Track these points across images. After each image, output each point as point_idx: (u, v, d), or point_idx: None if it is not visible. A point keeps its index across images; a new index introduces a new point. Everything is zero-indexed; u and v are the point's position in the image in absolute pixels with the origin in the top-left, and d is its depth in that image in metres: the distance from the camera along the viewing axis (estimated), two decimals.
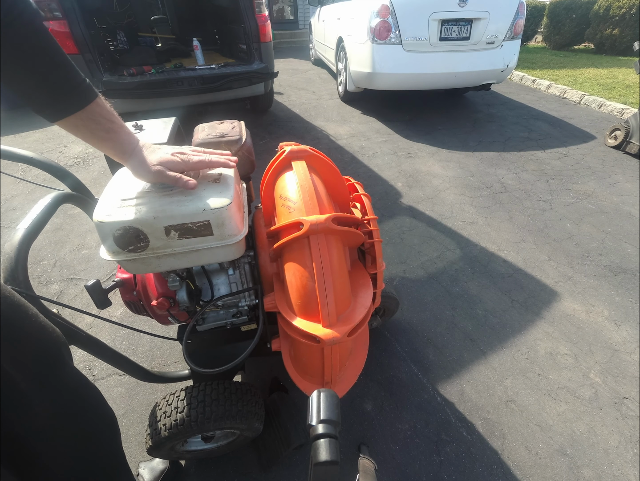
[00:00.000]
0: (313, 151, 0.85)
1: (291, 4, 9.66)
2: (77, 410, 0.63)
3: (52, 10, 2.50)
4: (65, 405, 0.60)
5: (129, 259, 0.66)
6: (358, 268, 0.90)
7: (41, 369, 0.55)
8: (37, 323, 0.55)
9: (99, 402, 0.72)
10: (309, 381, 0.91)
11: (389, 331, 1.52)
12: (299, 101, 4.51)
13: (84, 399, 0.67)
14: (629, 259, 1.90)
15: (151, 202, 0.65)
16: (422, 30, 3.29)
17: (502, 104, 4.36)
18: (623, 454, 1.12)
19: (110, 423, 0.75)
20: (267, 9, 3.27)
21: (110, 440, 0.74)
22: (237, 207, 0.72)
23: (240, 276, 0.92)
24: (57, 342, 0.59)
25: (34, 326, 0.55)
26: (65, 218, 2.26)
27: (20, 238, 0.62)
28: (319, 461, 0.43)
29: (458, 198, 2.47)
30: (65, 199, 0.79)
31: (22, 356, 0.52)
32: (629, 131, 2.99)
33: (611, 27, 6.66)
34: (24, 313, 0.53)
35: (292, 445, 1.02)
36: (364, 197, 0.98)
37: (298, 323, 0.73)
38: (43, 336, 0.56)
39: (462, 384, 1.32)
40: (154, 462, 1.02)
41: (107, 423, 0.74)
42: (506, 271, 1.83)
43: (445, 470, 1.09)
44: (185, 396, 0.88)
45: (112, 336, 1.51)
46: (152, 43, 4.03)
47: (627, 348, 1.44)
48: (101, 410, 0.73)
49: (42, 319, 0.57)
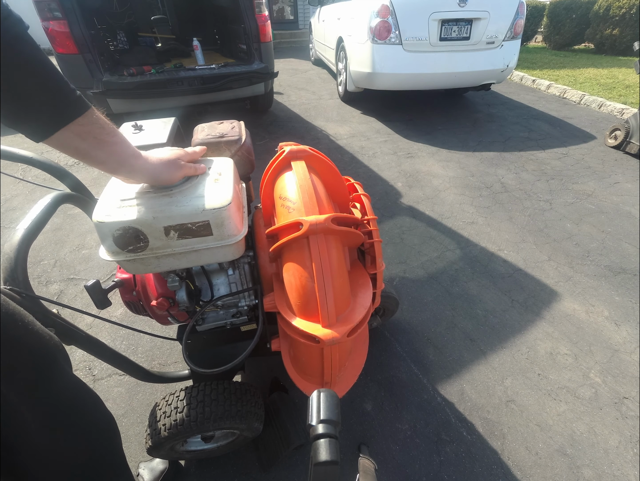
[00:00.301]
0: (313, 151, 0.85)
1: (291, 4, 9.66)
2: (73, 418, 0.63)
3: (52, 10, 2.50)
4: (60, 414, 0.60)
5: (129, 260, 0.66)
6: (358, 268, 0.90)
7: (33, 379, 0.54)
8: (32, 331, 0.54)
9: (97, 408, 0.72)
10: (309, 381, 0.91)
11: (389, 331, 1.52)
12: (299, 101, 4.51)
13: (81, 407, 0.66)
14: (629, 259, 1.90)
15: (150, 202, 0.65)
16: (422, 30, 3.29)
17: (502, 104, 4.36)
18: (623, 454, 1.12)
19: (108, 428, 0.75)
20: (267, 9, 3.27)
21: (108, 444, 0.74)
22: (236, 207, 0.72)
23: (240, 276, 0.92)
24: (52, 350, 0.58)
25: (28, 335, 0.53)
26: (65, 218, 2.26)
27: (20, 238, 0.62)
28: (319, 461, 0.43)
29: (458, 198, 2.47)
30: (65, 199, 0.79)
31: (14, 365, 0.51)
32: (629, 131, 2.99)
33: (611, 27, 6.66)
34: (19, 322, 0.52)
35: (292, 445, 1.02)
36: (364, 197, 0.97)
37: (297, 323, 0.73)
38: (37, 345, 0.55)
39: (462, 384, 1.32)
40: (154, 463, 1.02)
41: (105, 429, 0.73)
42: (506, 271, 1.83)
43: (445, 470, 1.09)
44: (185, 396, 0.88)
45: (112, 337, 1.51)
46: (152, 43, 4.03)
47: (627, 348, 1.44)
48: (99, 416, 0.72)
49: (38, 327, 0.56)
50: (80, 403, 0.67)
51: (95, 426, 0.70)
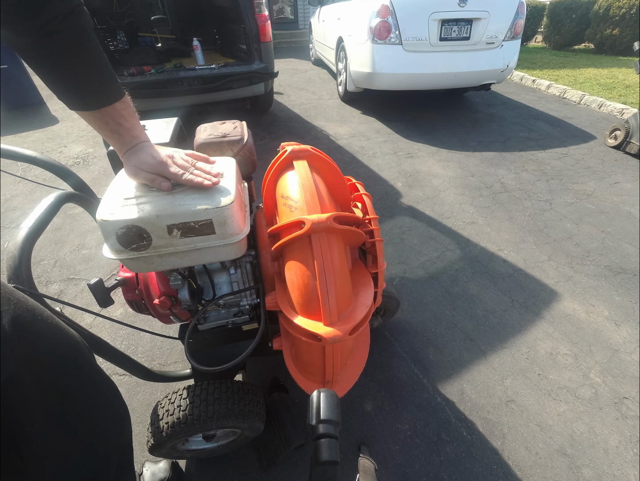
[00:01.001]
0: (314, 151, 0.85)
1: (291, 4, 9.65)
2: (92, 409, 0.63)
3: None
4: (80, 409, 0.60)
5: (132, 258, 0.66)
6: (359, 267, 0.90)
7: (59, 372, 0.55)
8: (52, 325, 0.55)
9: (115, 403, 0.72)
10: (310, 380, 0.91)
11: (389, 331, 1.52)
12: (299, 101, 4.51)
13: (102, 400, 0.67)
14: (629, 259, 1.91)
15: (154, 201, 0.65)
16: (422, 30, 3.29)
17: (502, 104, 4.37)
18: (623, 454, 1.12)
19: (122, 423, 0.75)
20: (267, 9, 3.27)
21: (120, 439, 0.74)
22: (238, 206, 0.72)
23: (242, 275, 0.93)
24: (76, 342, 0.59)
25: (49, 329, 0.55)
26: (66, 218, 2.26)
27: (24, 237, 0.62)
28: (319, 461, 0.43)
29: (458, 198, 2.47)
30: (68, 199, 0.79)
31: (40, 358, 0.52)
32: (629, 131, 2.99)
33: (611, 27, 6.67)
34: (38, 316, 0.53)
35: (292, 445, 1.02)
36: (365, 196, 0.98)
37: (299, 321, 0.73)
38: (62, 338, 0.57)
39: (462, 384, 1.33)
40: (157, 467, 1.01)
41: (119, 423, 0.73)
42: (506, 271, 1.84)
43: (445, 470, 1.09)
44: (188, 395, 0.88)
45: (112, 336, 1.51)
46: (152, 43, 4.03)
47: (627, 348, 1.45)
48: (116, 411, 0.72)
49: (57, 321, 0.58)
50: (103, 396, 0.67)
51: (111, 421, 0.70)
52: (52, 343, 0.55)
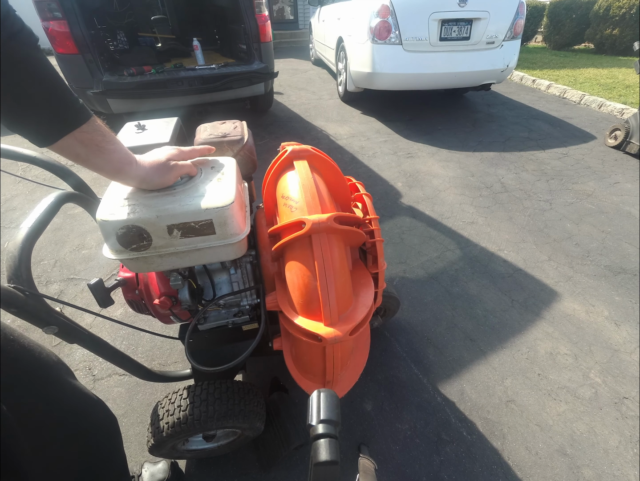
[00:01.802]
0: (315, 151, 0.85)
1: (291, 4, 9.65)
2: (74, 428, 0.63)
3: (52, 10, 2.50)
4: (60, 425, 0.60)
5: (132, 258, 0.66)
6: (359, 267, 0.90)
7: (33, 394, 0.55)
8: (28, 349, 0.55)
9: (98, 415, 0.72)
10: (310, 380, 0.91)
11: (389, 331, 1.52)
12: (299, 101, 4.51)
13: (82, 416, 0.67)
14: (629, 259, 1.91)
15: (154, 201, 0.65)
16: (422, 30, 3.29)
17: (502, 104, 4.37)
18: (623, 454, 1.12)
19: (109, 433, 0.75)
20: (267, 9, 3.27)
21: (110, 448, 0.74)
22: (239, 206, 0.72)
23: (242, 275, 0.93)
24: (49, 364, 0.59)
25: (25, 353, 0.55)
26: (66, 218, 2.26)
27: (24, 237, 0.62)
28: (319, 461, 0.43)
29: (458, 198, 2.47)
30: (69, 199, 0.79)
31: (12, 384, 0.52)
32: (629, 131, 2.99)
33: (611, 27, 6.67)
34: (15, 341, 0.54)
35: (292, 445, 1.02)
36: (365, 196, 0.98)
37: (300, 321, 0.73)
38: (34, 362, 0.57)
39: (462, 384, 1.33)
40: (156, 468, 1.01)
41: (106, 434, 0.73)
42: (506, 271, 1.84)
43: (445, 470, 1.09)
44: (189, 395, 0.88)
45: (112, 336, 1.51)
46: (152, 43, 4.03)
47: (627, 348, 1.45)
48: (101, 423, 0.72)
49: (34, 344, 0.58)
50: (81, 411, 0.67)
51: (96, 433, 0.70)
52: (25, 368, 0.55)
